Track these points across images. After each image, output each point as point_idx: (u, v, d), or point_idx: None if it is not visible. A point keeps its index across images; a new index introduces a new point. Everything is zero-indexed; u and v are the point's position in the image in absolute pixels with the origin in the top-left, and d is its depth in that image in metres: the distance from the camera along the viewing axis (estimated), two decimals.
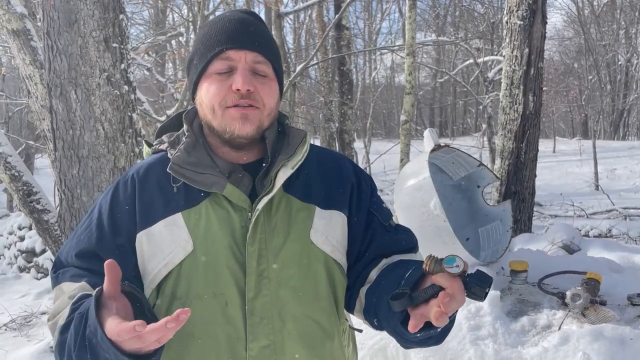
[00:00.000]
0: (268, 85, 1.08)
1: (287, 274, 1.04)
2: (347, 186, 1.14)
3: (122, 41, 3.01)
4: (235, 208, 1.04)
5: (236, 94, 1.03)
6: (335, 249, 1.10)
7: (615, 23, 24.00)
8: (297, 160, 1.08)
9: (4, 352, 4.04)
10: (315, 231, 1.07)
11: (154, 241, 1.04)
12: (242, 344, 1.02)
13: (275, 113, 1.12)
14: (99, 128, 2.92)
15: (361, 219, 1.13)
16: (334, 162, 1.18)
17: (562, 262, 3.16)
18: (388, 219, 1.16)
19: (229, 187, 1.04)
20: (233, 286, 1.02)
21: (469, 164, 3.37)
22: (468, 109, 29.47)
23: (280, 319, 1.03)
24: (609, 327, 2.33)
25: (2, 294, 6.23)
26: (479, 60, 12.10)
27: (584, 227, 7.49)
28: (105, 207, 1.09)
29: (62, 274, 1.06)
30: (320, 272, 1.08)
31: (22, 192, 4.45)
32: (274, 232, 1.05)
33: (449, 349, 2.51)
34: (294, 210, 1.08)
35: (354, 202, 1.14)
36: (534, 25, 4.53)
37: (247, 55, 1.06)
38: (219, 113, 1.05)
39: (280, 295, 1.03)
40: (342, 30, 9.22)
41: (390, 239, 1.13)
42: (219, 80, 1.05)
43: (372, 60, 22.56)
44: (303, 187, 1.11)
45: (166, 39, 9.79)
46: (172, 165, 1.05)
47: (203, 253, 1.02)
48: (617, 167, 14.60)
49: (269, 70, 1.09)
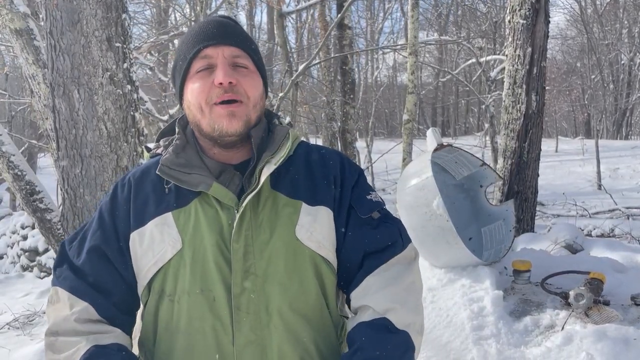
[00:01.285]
0: (250, 77, 1.11)
1: (274, 270, 1.05)
2: (331, 180, 1.14)
3: (125, 40, 3.01)
4: (223, 207, 1.06)
5: (220, 89, 1.06)
6: (320, 245, 1.09)
7: (618, 22, 23.92)
8: (281, 156, 1.10)
9: (7, 351, 4.05)
10: (301, 227, 1.08)
11: (145, 240, 1.07)
12: (229, 339, 1.03)
13: (261, 106, 1.14)
14: (101, 127, 2.93)
15: (343, 213, 1.13)
16: (320, 157, 1.18)
17: (565, 262, 3.15)
18: (368, 212, 1.13)
19: (216, 186, 1.06)
20: (220, 282, 1.03)
21: (472, 164, 3.37)
22: (470, 109, 29.42)
23: (267, 314, 1.04)
24: (612, 327, 2.32)
25: (5, 293, 6.24)
26: (481, 60, 12.08)
27: (586, 226, 7.47)
28: (106, 209, 1.14)
29: (65, 272, 1.10)
30: (307, 268, 1.08)
31: (24, 191, 4.45)
32: (260, 229, 1.06)
33: (452, 349, 2.50)
34: (280, 206, 1.09)
35: (337, 196, 1.14)
36: (536, 24, 4.52)
37: (225, 50, 1.09)
38: (206, 111, 1.08)
39: (267, 291, 1.04)
40: (345, 29, 9.20)
41: (364, 235, 1.11)
42: (201, 77, 1.08)
43: (375, 60, 22.53)
44: (290, 183, 1.11)
45: (169, 38, 9.78)
46: (161, 166, 1.09)
47: (191, 251, 1.04)
48: (619, 167, 14.56)
49: (249, 62, 1.12)
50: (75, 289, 1.07)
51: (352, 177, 1.17)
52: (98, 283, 1.07)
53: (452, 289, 2.89)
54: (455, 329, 2.60)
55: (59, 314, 1.06)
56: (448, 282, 2.96)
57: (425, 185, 2.87)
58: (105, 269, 1.09)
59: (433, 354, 2.53)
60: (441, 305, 2.80)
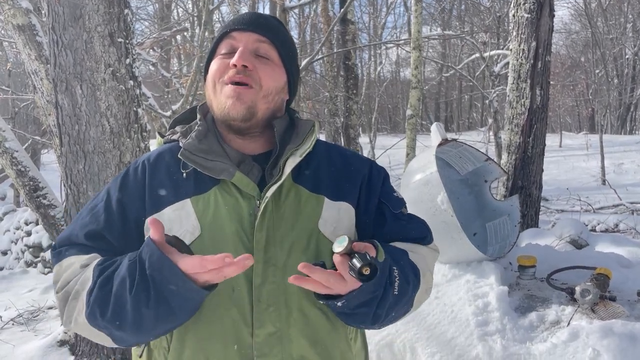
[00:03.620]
0: (269, 67, 1.10)
1: (294, 262, 1.03)
2: (358, 178, 1.16)
3: (127, 36, 2.99)
4: (243, 196, 1.05)
5: (233, 70, 1.07)
6: None
7: (623, 16, 23.79)
8: (306, 148, 1.10)
9: (12, 347, 4.06)
10: (324, 221, 1.08)
11: (165, 224, 1.04)
12: (248, 330, 1.02)
13: (276, 99, 1.13)
14: (104, 123, 2.92)
15: (371, 208, 1.15)
16: (344, 155, 1.20)
17: (570, 257, 3.14)
18: (399, 208, 1.17)
19: (238, 174, 1.05)
20: (240, 273, 1.02)
21: (477, 159, 3.35)
22: (474, 104, 29.36)
23: (286, 307, 1.04)
24: (618, 323, 2.31)
25: (9, 289, 6.26)
26: (485, 54, 12.02)
27: (590, 221, 7.44)
28: (114, 192, 1.11)
29: (67, 249, 1.08)
30: (328, 262, 1.07)
31: (28, 187, 4.45)
32: (282, 221, 1.06)
33: (457, 345, 2.49)
34: (303, 199, 1.09)
35: (364, 193, 1.15)
36: (541, 18, 4.49)
37: (251, 36, 1.10)
38: (218, 89, 1.09)
39: (287, 283, 1.02)
40: (347, 24, 9.16)
41: (400, 228, 1.16)
42: (222, 59, 1.10)
43: (378, 55, 22.49)
44: (312, 178, 1.12)
45: (171, 34, 9.77)
46: (184, 151, 1.07)
47: (210, 239, 1.03)
48: (624, 162, 14.49)
49: (273, 53, 1.12)
50: (80, 250, 1.06)
51: (379, 174, 1.20)
52: (101, 252, 1.06)
53: (457, 284, 2.88)
54: (460, 324, 2.59)
55: (70, 272, 1.03)
56: (453, 278, 2.94)
57: (430, 180, 2.85)
58: (106, 246, 1.07)
59: (438, 349, 2.52)
60: (446, 301, 2.79)
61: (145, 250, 0.90)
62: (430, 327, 2.65)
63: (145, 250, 0.91)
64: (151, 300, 0.90)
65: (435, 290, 2.90)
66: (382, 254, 0.99)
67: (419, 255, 1.12)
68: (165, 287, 0.89)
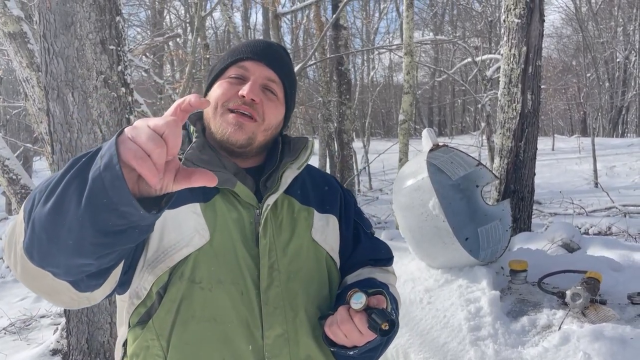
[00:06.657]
0: (274, 104, 1.15)
1: (295, 267, 1.11)
2: (337, 195, 1.26)
3: (119, 43, 3.00)
4: (243, 205, 1.11)
5: (240, 100, 1.10)
6: (332, 248, 1.19)
7: (613, 20, 23.98)
8: (302, 161, 1.18)
9: (4, 356, 4.03)
10: (316, 230, 1.16)
11: (178, 220, 1.07)
12: (259, 333, 1.06)
13: (273, 133, 1.18)
14: (96, 130, 2.91)
15: (350, 224, 1.26)
16: (322, 175, 1.31)
17: (562, 261, 3.15)
18: (370, 228, 1.30)
19: (239, 184, 1.10)
20: (247, 277, 1.07)
21: (468, 164, 3.36)
22: (467, 108, 29.48)
23: (292, 309, 1.09)
24: (609, 327, 2.32)
25: (1, 298, 6.21)
26: (477, 59, 12.09)
27: (583, 224, 7.49)
28: None
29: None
30: (322, 268, 1.16)
31: (20, 195, 4.43)
32: (281, 228, 1.12)
33: (449, 350, 2.50)
34: (296, 210, 1.16)
35: (343, 209, 1.25)
36: (531, 23, 4.53)
37: (264, 70, 1.14)
38: (219, 112, 1.11)
39: (290, 287, 1.10)
40: (340, 29, 9.20)
41: (373, 247, 1.27)
42: (230, 83, 1.13)
43: (370, 60, 22.54)
44: (301, 191, 1.19)
45: (163, 40, 9.77)
46: (186, 162, 1.09)
47: (220, 243, 1.07)
48: (616, 165, 14.59)
49: (280, 91, 1.17)
50: None
51: (352, 199, 1.31)
52: None
53: (449, 289, 2.89)
54: (452, 329, 2.60)
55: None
56: (445, 283, 2.95)
57: (421, 186, 2.86)
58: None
59: (430, 355, 2.53)
60: (438, 306, 2.79)
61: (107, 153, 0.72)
62: (423, 332, 2.65)
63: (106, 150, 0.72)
64: (85, 193, 0.71)
65: (428, 295, 2.90)
66: (389, 303, 1.07)
67: (393, 287, 1.27)
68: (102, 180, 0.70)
